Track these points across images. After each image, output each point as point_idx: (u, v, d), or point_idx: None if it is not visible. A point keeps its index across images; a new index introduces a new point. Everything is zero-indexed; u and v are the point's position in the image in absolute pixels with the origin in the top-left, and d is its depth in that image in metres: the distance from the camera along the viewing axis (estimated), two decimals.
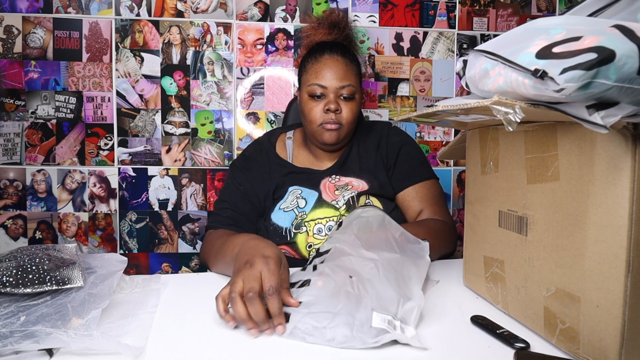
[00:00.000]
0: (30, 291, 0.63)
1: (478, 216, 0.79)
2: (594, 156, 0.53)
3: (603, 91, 0.44)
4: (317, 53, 1.09)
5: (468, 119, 0.70)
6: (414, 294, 0.68)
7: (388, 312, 0.62)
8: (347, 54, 1.09)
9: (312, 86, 1.06)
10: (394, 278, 0.68)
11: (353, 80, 1.06)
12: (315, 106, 1.06)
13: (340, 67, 1.06)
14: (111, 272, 0.72)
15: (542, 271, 0.62)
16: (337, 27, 1.16)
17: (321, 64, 1.06)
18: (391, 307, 0.63)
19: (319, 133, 1.06)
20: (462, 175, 1.87)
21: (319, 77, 1.05)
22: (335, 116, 1.04)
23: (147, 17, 1.68)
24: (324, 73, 1.05)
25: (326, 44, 1.11)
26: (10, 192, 1.67)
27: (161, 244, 1.75)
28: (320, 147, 1.12)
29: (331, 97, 1.05)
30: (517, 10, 1.85)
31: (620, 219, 0.50)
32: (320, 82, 1.05)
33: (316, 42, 1.15)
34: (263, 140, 1.19)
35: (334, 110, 1.04)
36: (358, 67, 1.11)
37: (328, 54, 1.07)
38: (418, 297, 0.67)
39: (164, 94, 1.71)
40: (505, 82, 0.54)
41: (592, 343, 0.54)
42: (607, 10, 0.58)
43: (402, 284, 0.68)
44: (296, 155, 1.16)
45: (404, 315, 0.63)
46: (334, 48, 1.09)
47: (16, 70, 1.64)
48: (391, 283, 0.67)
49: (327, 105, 1.04)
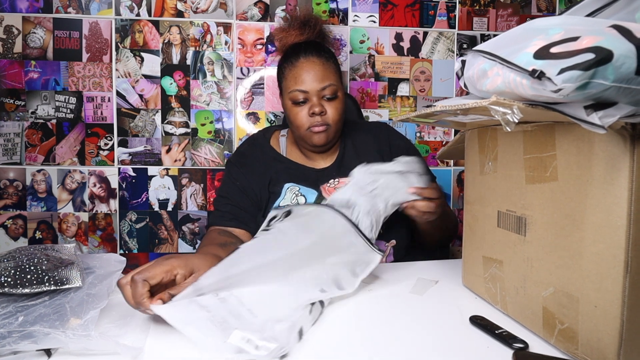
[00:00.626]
0: (28, 291, 0.63)
1: (477, 216, 0.79)
2: (592, 156, 0.53)
3: (601, 91, 0.44)
4: (292, 57, 1.07)
5: (467, 119, 0.70)
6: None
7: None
8: (322, 53, 1.07)
9: (293, 92, 1.05)
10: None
11: (333, 79, 1.05)
12: (299, 111, 1.05)
13: (318, 68, 1.04)
14: (110, 272, 0.72)
15: (540, 271, 0.62)
16: (308, 25, 1.13)
17: (298, 68, 1.05)
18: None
19: (308, 136, 1.07)
20: (461, 175, 1.87)
21: (298, 82, 1.04)
22: (321, 118, 1.04)
23: (147, 17, 1.68)
24: (302, 77, 1.04)
25: (300, 45, 1.09)
26: (10, 192, 1.67)
27: (161, 244, 1.75)
28: (310, 150, 1.12)
29: (314, 101, 1.04)
30: (517, 10, 1.85)
31: (618, 219, 0.50)
32: (301, 88, 1.04)
33: (289, 45, 1.12)
34: (258, 136, 1.20)
35: (319, 112, 1.04)
36: (336, 64, 1.10)
37: (303, 57, 1.06)
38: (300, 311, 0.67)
39: (164, 94, 1.71)
40: (504, 82, 0.54)
41: (591, 343, 0.54)
42: (605, 10, 0.58)
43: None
44: (289, 151, 1.16)
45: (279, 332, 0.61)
46: (308, 49, 1.07)
47: (16, 70, 1.64)
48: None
49: (311, 109, 1.04)
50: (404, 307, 0.76)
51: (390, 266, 0.98)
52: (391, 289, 0.84)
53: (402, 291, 0.83)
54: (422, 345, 0.62)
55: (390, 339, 0.64)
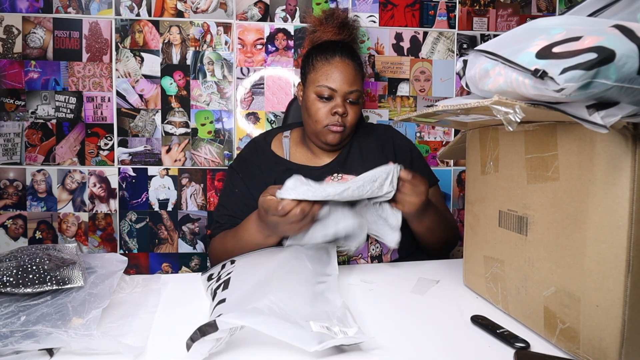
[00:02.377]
0: (30, 291, 0.63)
1: (478, 216, 0.80)
2: (594, 156, 0.53)
3: (603, 91, 0.44)
4: (327, 53, 1.09)
5: (468, 119, 0.70)
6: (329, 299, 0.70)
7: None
8: (356, 58, 1.10)
9: (322, 87, 1.06)
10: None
11: (360, 85, 1.08)
12: (322, 107, 1.07)
13: (351, 71, 1.07)
14: (111, 272, 0.73)
15: (542, 271, 0.62)
16: (347, 27, 1.18)
17: (332, 66, 1.06)
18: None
19: (323, 134, 1.07)
20: (462, 175, 1.88)
21: (329, 79, 1.06)
22: (341, 119, 1.06)
23: (147, 17, 1.68)
24: (335, 76, 1.05)
25: (336, 45, 1.11)
26: (10, 192, 1.67)
27: (161, 244, 1.75)
28: (321, 147, 1.13)
29: (339, 101, 1.06)
30: (517, 10, 1.85)
31: (620, 218, 0.50)
32: (331, 85, 1.05)
33: (324, 40, 1.16)
34: (259, 139, 1.20)
35: (342, 113, 1.05)
36: (363, 72, 1.13)
37: (339, 57, 1.07)
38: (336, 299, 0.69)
39: (164, 94, 1.71)
40: (506, 82, 0.54)
41: (592, 343, 0.54)
42: (607, 10, 0.58)
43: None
44: (293, 152, 1.17)
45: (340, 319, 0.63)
46: (345, 51, 1.09)
47: (16, 70, 1.64)
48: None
49: (334, 108, 1.05)
50: (405, 306, 0.76)
51: (391, 266, 0.98)
52: (392, 289, 0.84)
53: (403, 291, 0.83)
54: (424, 345, 0.62)
55: (392, 338, 0.64)
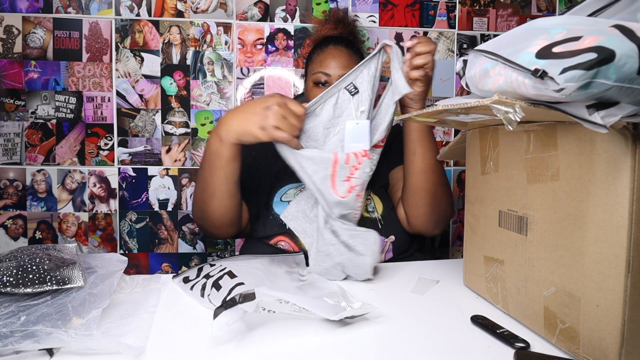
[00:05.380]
0: (30, 291, 0.63)
1: (478, 216, 0.80)
2: (594, 156, 0.53)
3: (603, 91, 0.44)
4: (322, 45, 1.17)
5: (468, 119, 0.70)
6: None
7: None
8: (351, 46, 1.16)
9: (317, 74, 1.12)
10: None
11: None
12: (318, 93, 1.08)
13: (344, 57, 1.12)
14: (111, 272, 0.72)
15: (542, 271, 0.62)
16: (343, 22, 1.28)
17: (326, 53, 1.14)
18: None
19: None
20: (462, 175, 1.87)
21: (323, 65, 1.12)
22: None
23: (147, 17, 1.68)
24: (328, 62, 1.12)
25: (331, 37, 1.20)
26: (10, 192, 1.67)
27: (161, 244, 1.75)
28: None
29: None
30: (517, 10, 1.85)
31: (620, 218, 0.50)
32: (325, 70, 1.11)
33: (322, 36, 1.24)
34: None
35: None
36: (361, 59, 1.12)
37: (333, 45, 1.15)
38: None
39: (164, 94, 1.71)
40: (506, 81, 0.54)
41: (592, 343, 0.54)
42: (607, 10, 0.58)
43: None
44: None
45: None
46: (339, 40, 1.17)
47: (16, 70, 1.64)
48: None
49: None
50: (405, 306, 0.76)
51: (391, 266, 0.98)
52: (392, 289, 0.84)
53: (403, 291, 0.83)
54: (423, 345, 0.62)
55: (391, 338, 0.64)
